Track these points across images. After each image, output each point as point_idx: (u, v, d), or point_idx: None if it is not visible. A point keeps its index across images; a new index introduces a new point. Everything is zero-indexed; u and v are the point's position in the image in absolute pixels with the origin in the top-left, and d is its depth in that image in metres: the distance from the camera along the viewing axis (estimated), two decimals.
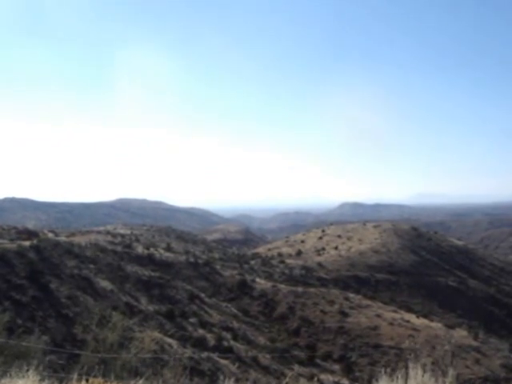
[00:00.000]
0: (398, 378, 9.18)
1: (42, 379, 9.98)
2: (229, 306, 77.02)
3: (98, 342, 17.08)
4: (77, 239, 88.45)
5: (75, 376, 10.08)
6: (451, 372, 9.20)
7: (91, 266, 66.07)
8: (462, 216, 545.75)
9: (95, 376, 10.61)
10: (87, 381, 10.02)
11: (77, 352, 15.90)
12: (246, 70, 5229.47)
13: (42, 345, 15.98)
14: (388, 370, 9.60)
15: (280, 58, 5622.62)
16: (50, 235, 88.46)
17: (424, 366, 9.26)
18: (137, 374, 13.84)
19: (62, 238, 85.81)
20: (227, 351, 47.49)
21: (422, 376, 9.00)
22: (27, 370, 9.76)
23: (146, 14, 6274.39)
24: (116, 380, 11.11)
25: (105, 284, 55.90)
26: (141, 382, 10.42)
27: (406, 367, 9.25)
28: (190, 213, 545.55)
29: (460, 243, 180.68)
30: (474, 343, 71.91)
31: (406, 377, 9.10)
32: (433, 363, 10.31)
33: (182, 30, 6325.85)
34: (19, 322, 27.30)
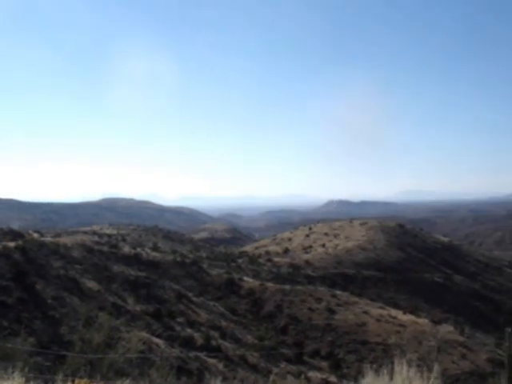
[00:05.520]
0: (383, 373, 9.22)
1: (28, 381, 9.94)
2: (216, 304, 76.94)
3: (85, 343, 17.02)
4: (63, 240, 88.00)
5: (60, 377, 10.04)
6: (436, 367, 9.24)
7: (77, 266, 65.77)
8: (447, 213, 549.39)
9: (81, 377, 10.59)
10: (73, 382, 9.99)
11: (63, 353, 15.82)
12: (238, 71, 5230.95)
13: (27, 346, 15.90)
14: (374, 366, 9.64)
15: (272, 57, 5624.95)
16: (36, 236, 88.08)
17: (410, 362, 9.30)
18: (124, 374, 13.81)
19: (48, 239, 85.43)
20: (215, 350, 47.43)
21: (408, 371, 9.05)
22: (12, 372, 9.72)
23: (140, 12, 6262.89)
24: (102, 380, 11.09)
25: (91, 284, 55.68)
26: (127, 382, 10.40)
27: (392, 363, 9.29)
28: (178, 212, 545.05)
29: (445, 239, 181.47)
30: (460, 338, 72.30)
31: (392, 372, 9.14)
32: (419, 359, 10.37)
33: (176, 29, 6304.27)
34: (5, 323, 27.12)
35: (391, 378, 9.10)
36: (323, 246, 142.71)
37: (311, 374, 50.54)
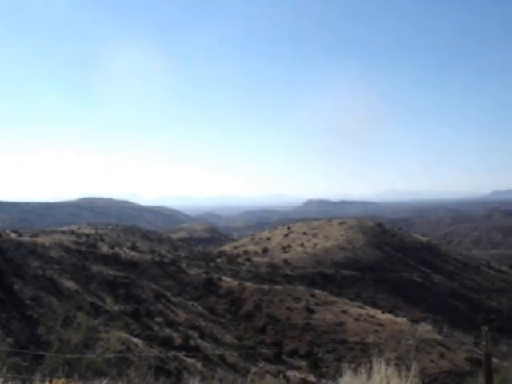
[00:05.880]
0: (362, 372, 9.25)
1: (5, 381, 9.87)
2: (195, 304, 76.86)
3: (63, 343, 16.93)
4: (40, 239, 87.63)
5: (38, 377, 9.98)
6: (414, 366, 9.28)
7: (55, 266, 65.49)
8: (425, 212, 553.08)
9: (59, 377, 10.52)
10: (51, 382, 9.93)
11: (41, 353, 15.74)
12: (227, 70, 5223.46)
13: (5, 346, 15.77)
14: (353, 365, 9.67)
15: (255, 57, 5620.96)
16: (13, 236, 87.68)
17: (388, 361, 9.33)
18: (102, 374, 13.76)
19: (26, 239, 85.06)
20: (194, 350, 47.39)
21: (386, 370, 9.08)
22: None
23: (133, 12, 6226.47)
24: (80, 380, 11.03)
25: (69, 284, 55.44)
26: (105, 381, 10.36)
27: (371, 362, 9.32)
28: (156, 212, 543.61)
29: (424, 239, 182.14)
30: (439, 337, 72.66)
31: (370, 371, 9.18)
32: (397, 358, 10.41)
33: (171, 23, 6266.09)
34: None
35: (369, 377, 9.13)
36: (302, 245, 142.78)
37: (290, 373, 50.64)
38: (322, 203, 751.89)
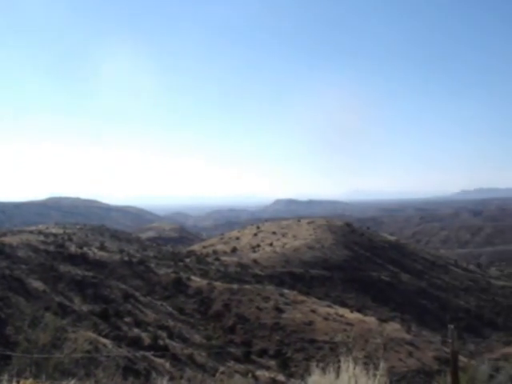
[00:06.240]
0: (330, 371, 9.30)
1: None
2: (164, 304, 76.65)
3: (30, 343, 16.79)
4: (8, 239, 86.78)
5: (6, 377, 9.90)
6: (382, 364, 9.35)
7: (23, 266, 65.00)
8: (394, 212, 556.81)
9: (27, 377, 10.45)
10: (18, 382, 9.86)
11: (8, 353, 15.59)
12: (214, 69, 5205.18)
13: None
14: (321, 364, 9.71)
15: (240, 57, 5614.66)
16: None
17: (356, 360, 9.39)
18: (70, 374, 13.68)
19: None
20: (162, 350, 47.32)
21: (354, 369, 9.14)
22: None
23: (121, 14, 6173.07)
24: (48, 381, 10.96)
25: (37, 284, 55.05)
26: (73, 382, 10.30)
27: (339, 361, 9.37)
28: (124, 211, 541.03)
29: (392, 238, 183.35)
30: (407, 336, 73.29)
31: (338, 370, 9.23)
32: (365, 356, 10.49)
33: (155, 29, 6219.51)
34: None
35: (337, 376, 9.18)
36: (271, 244, 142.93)
37: (259, 372, 50.73)
38: (290, 203, 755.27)
